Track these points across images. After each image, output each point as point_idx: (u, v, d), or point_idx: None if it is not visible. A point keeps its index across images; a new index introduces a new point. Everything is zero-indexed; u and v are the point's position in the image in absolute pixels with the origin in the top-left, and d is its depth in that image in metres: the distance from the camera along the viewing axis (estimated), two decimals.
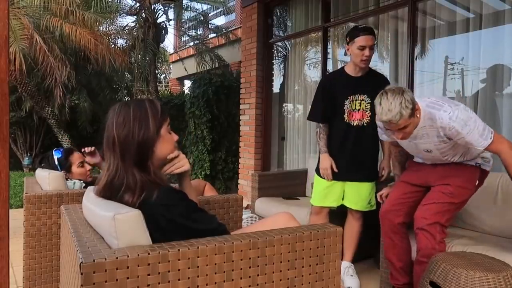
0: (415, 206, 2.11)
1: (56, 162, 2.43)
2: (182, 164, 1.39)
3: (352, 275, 2.52)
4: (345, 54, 2.65)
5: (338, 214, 2.66)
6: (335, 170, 2.51)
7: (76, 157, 2.49)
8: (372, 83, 2.51)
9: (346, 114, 2.51)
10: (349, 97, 2.51)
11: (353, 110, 2.51)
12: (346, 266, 2.55)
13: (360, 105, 2.51)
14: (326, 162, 2.52)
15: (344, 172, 2.52)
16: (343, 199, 2.58)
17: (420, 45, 3.31)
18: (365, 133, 2.52)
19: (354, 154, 2.50)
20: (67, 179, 2.39)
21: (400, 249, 2.17)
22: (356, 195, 2.54)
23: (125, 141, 1.25)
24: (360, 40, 2.39)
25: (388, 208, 2.19)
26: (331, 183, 2.55)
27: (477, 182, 2.10)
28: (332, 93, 2.54)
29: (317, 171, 2.65)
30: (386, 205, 2.22)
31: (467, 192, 2.05)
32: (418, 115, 1.88)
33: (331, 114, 2.55)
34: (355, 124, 2.51)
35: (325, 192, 2.56)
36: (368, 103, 2.51)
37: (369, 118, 2.52)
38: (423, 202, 2.07)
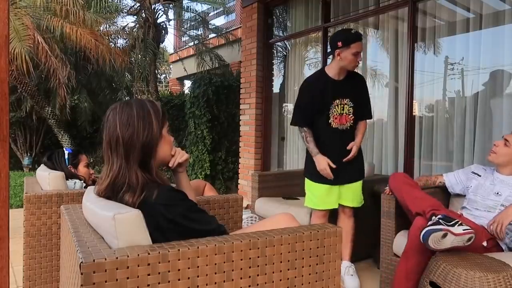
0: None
1: (66, 157, 2.56)
2: (182, 154, 1.43)
3: (352, 275, 2.52)
4: (331, 57, 2.51)
5: (330, 215, 2.65)
6: (333, 166, 2.46)
7: (84, 158, 2.67)
8: (352, 86, 2.52)
9: (331, 118, 2.50)
10: (334, 102, 2.49)
11: (338, 114, 2.50)
12: (346, 266, 2.55)
13: (343, 109, 2.50)
14: (323, 162, 2.47)
15: (337, 177, 2.50)
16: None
17: (420, 45, 3.31)
18: (350, 136, 2.53)
19: (344, 157, 2.50)
20: (67, 179, 2.41)
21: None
22: (351, 193, 2.57)
23: (129, 141, 1.24)
24: (356, 46, 2.35)
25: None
26: (330, 187, 2.54)
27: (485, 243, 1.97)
28: (317, 96, 2.50)
29: (312, 177, 2.59)
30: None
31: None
32: None
33: (316, 118, 2.53)
34: (340, 128, 2.52)
35: (326, 195, 2.56)
36: (350, 106, 2.51)
37: (351, 122, 2.53)
38: None
